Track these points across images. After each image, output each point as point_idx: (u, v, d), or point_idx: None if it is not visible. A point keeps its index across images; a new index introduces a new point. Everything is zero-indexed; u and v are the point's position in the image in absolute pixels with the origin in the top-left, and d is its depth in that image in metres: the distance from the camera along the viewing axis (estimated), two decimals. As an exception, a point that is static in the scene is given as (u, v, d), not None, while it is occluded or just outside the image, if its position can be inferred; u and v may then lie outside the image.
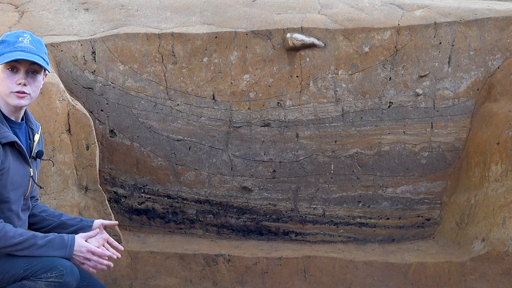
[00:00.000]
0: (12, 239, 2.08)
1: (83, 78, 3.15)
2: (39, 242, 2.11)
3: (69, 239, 2.15)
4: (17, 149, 2.18)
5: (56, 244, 2.13)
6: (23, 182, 2.22)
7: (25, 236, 2.09)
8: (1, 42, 2.16)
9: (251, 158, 3.22)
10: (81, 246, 2.16)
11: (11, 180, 2.15)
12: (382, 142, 3.17)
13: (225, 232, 3.32)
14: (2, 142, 2.10)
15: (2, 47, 2.15)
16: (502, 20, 3.08)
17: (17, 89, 2.15)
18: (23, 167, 2.21)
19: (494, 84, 3.07)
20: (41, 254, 2.11)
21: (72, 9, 3.45)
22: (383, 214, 3.25)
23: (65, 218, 2.41)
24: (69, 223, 2.38)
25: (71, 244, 2.15)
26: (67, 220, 2.39)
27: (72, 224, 2.37)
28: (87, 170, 2.94)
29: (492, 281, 2.89)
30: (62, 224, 2.38)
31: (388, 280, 3.03)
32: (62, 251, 2.14)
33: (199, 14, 3.30)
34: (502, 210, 2.85)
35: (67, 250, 2.14)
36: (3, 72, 2.15)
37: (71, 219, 2.39)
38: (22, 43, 2.16)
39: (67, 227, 2.37)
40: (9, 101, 2.16)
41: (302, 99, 3.16)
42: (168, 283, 3.10)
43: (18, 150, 2.19)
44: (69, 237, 2.16)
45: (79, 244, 2.16)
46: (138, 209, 3.30)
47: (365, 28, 3.10)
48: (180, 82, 3.17)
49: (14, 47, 2.14)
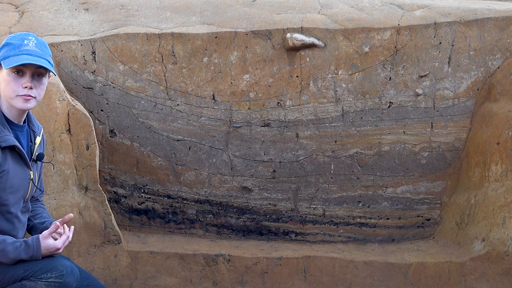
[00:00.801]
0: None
1: (83, 78, 3.15)
2: (9, 249, 2.12)
3: (34, 244, 2.16)
4: (17, 152, 2.18)
5: (22, 251, 2.14)
6: (22, 185, 2.22)
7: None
8: (6, 44, 2.15)
9: (251, 158, 3.22)
10: (49, 247, 2.17)
11: (10, 183, 2.15)
12: (382, 142, 3.18)
13: (225, 232, 3.32)
14: (1, 145, 2.10)
15: (7, 49, 2.14)
16: (502, 20, 3.08)
17: (23, 93, 2.15)
18: (23, 170, 2.21)
19: (494, 84, 3.08)
20: (10, 261, 2.13)
21: (72, 9, 3.45)
22: (383, 214, 3.25)
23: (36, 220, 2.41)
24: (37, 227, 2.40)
25: (38, 248, 2.16)
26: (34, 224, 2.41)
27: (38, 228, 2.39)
28: (87, 170, 2.94)
29: (492, 281, 2.89)
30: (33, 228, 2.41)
31: (388, 280, 3.03)
32: (29, 254, 2.15)
33: (199, 14, 3.30)
34: (502, 210, 2.85)
35: (35, 253, 2.15)
36: (9, 75, 2.14)
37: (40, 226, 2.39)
38: (27, 46, 2.15)
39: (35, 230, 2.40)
40: (15, 104, 2.16)
41: (302, 99, 3.16)
42: (168, 283, 3.10)
43: (19, 153, 2.19)
44: (34, 241, 2.16)
45: (46, 246, 2.17)
46: (138, 209, 3.30)
47: (365, 28, 3.10)
48: (180, 82, 3.17)
49: (20, 50, 2.14)
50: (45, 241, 2.17)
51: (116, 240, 3.04)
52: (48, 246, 2.17)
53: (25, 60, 2.11)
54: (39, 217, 2.43)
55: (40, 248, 2.16)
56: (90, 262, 3.01)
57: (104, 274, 3.05)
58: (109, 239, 3.03)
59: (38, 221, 2.41)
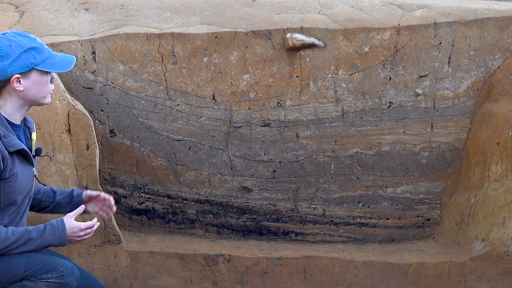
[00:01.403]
0: (6, 240, 2.09)
1: (83, 78, 3.15)
2: (34, 235, 2.12)
3: (59, 225, 2.16)
4: (22, 153, 2.20)
5: (48, 233, 2.14)
6: (28, 183, 2.25)
7: (18, 234, 2.11)
8: (31, 49, 2.17)
9: (251, 158, 3.22)
10: (73, 227, 2.18)
11: (19, 185, 2.18)
12: (382, 142, 3.18)
13: (225, 232, 3.32)
14: (10, 151, 2.12)
15: (36, 53, 2.18)
16: (502, 20, 3.08)
17: (52, 87, 2.27)
18: (28, 169, 2.24)
19: (494, 84, 3.08)
20: (38, 247, 2.13)
21: (72, 9, 3.45)
22: (383, 214, 3.25)
23: (59, 198, 2.45)
24: (63, 203, 2.44)
25: (63, 229, 2.16)
26: (61, 200, 2.44)
27: (67, 203, 2.44)
28: (87, 170, 2.94)
29: (492, 281, 2.89)
30: (58, 206, 2.44)
31: (388, 280, 3.03)
32: (56, 237, 2.15)
33: (199, 14, 3.30)
34: (502, 210, 2.85)
35: (61, 235, 2.15)
36: (44, 77, 2.21)
37: (64, 197, 2.45)
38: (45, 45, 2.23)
39: (64, 206, 2.44)
40: (46, 101, 2.25)
41: (302, 99, 3.16)
42: (168, 283, 3.10)
43: (23, 154, 2.20)
44: (59, 222, 2.17)
45: (70, 226, 2.17)
46: (138, 209, 3.30)
47: (365, 28, 3.10)
48: (180, 82, 3.17)
49: (48, 51, 2.23)
50: (70, 220, 2.18)
51: (116, 240, 3.04)
52: (71, 226, 2.17)
53: (73, 59, 2.27)
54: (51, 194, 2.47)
55: (65, 228, 2.16)
56: (90, 262, 3.01)
57: (104, 274, 3.05)
58: (109, 239, 3.03)
59: (59, 198, 2.45)
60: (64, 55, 2.27)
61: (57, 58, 2.23)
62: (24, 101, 2.21)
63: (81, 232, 2.19)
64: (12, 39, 2.15)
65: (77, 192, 2.48)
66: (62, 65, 2.23)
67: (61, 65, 2.22)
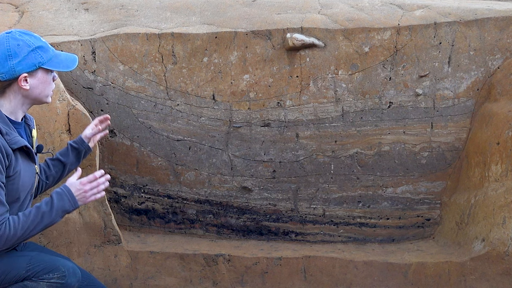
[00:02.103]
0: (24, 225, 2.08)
1: (83, 78, 3.15)
2: (44, 209, 2.11)
3: (63, 189, 2.17)
4: (25, 150, 2.20)
5: (57, 200, 2.14)
6: (31, 180, 2.26)
7: (32, 215, 2.10)
8: (38, 48, 2.19)
9: (251, 158, 3.22)
10: (75, 185, 2.18)
11: (22, 182, 2.19)
12: (382, 142, 3.18)
13: (225, 232, 3.32)
14: (13, 148, 2.12)
15: (43, 52, 2.20)
16: (502, 20, 3.08)
17: (54, 86, 2.30)
18: (31, 166, 2.24)
19: (494, 84, 3.08)
20: (54, 217, 2.12)
21: (72, 9, 3.45)
22: (383, 214, 3.25)
23: (64, 159, 2.54)
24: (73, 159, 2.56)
25: (68, 190, 2.17)
26: (69, 160, 2.54)
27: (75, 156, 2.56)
28: (87, 170, 2.94)
29: (492, 281, 2.89)
30: (71, 164, 2.56)
31: (388, 280, 3.03)
32: (66, 201, 2.15)
33: (199, 14, 3.29)
34: (502, 210, 2.85)
35: (69, 197, 2.16)
36: (48, 75, 2.24)
37: (69, 155, 2.55)
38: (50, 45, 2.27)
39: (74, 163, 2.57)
40: (48, 100, 2.28)
41: (302, 99, 3.16)
42: (168, 283, 3.10)
43: (26, 151, 2.21)
44: (62, 187, 2.18)
45: (73, 185, 2.18)
46: (138, 209, 3.30)
47: (365, 28, 3.10)
48: (180, 82, 3.17)
49: (53, 49, 2.26)
50: (70, 180, 2.19)
51: (116, 240, 3.04)
52: (73, 184, 2.18)
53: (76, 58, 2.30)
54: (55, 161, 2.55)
55: (70, 189, 2.17)
56: (90, 262, 3.01)
57: (104, 274, 3.05)
58: (109, 239, 3.03)
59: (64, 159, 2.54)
60: (67, 54, 2.30)
61: (61, 57, 2.26)
62: (27, 100, 2.22)
63: (85, 187, 2.18)
64: (19, 38, 2.16)
65: (76, 142, 2.57)
66: (67, 63, 2.26)
67: (66, 63, 2.25)
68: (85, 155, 2.60)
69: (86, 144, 2.58)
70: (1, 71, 2.12)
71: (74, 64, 2.28)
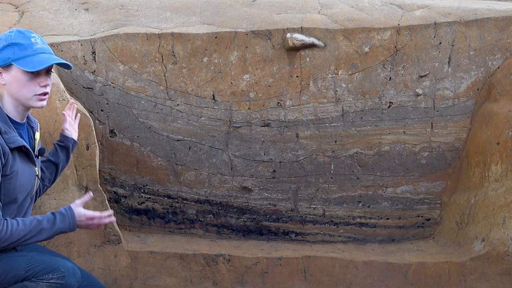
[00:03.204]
0: (19, 231, 2.08)
1: (83, 78, 3.15)
2: (45, 225, 2.12)
3: (68, 212, 2.18)
4: (23, 151, 2.19)
5: (59, 221, 2.15)
6: (30, 182, 2.24)
7: (31, 226, 2.10)
8: (15, 44, 2.13)
9: (251, 158, 3.22)
10: (80, 215, 2.19)
11: (19, 183, 2.17)
12: (382, 142, 3.18)
13: (225, 232, 3.32)
14: (11, 147, 2.11)
15: (17, 49, 2.13)
16: (502, 20, 3.08)
17: (41, 91, 2.17)
18: (30, 168, 2.23)
19: (494, 84, 3.08)
20: (49, 236, 2.14)
21: (72, 9, 3.45)
22: (383, 214, 3.25)
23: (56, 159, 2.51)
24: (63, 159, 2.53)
25: (72, 214, 2.18)
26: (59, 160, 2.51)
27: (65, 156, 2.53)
28: (87, 170, 2.94)
29: (492, 281, 2.89)
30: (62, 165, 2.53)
31: (388, 280, 3.03)
32: (67, 224, 2.16)
33: (199, 14, 3.29)
34: (502, 210, 2.85)
35: (71, 222, 2.17)
36: (24, 76, 2.14)
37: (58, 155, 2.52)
38: (37, 45, 2.16)
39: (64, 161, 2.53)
40: (32, 104, 2.18)
41: (302, 99, 3.16)
42: (168, 283, 3.10)
43: (25, 152, 2.20)
44: (67, 210, 2.18)
45: (79, 214, 2.19)
46: (138, 209, 3.30)
47: (365, 28, 3.10)
48: (180, 82, 3.17)
49: (34, 49, 2.14)
50: (78, 209, 2.20)
51: (116, 240, 3.04)
52: (79, 213, 2.19)
53: (53, 61, 2.14)
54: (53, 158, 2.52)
55: (74, 215, 2.18)
56: (90, 262, 3.01)
57: (104, 274, 3.05)
58: (109, 239, 3.03)
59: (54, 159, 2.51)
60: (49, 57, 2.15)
61: (39, 58, 2.14)
62: (14, 99, 2.18)
63: (89, 221, 2.20)
64: (7, 34, 2.15)
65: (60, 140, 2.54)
66: (34, 64, 2.12)
67: (33, 64, 2.12)
68: (73, 148, 2.57)
69: (70, 137, 2.54)
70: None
71: (41, 66, 2.13)
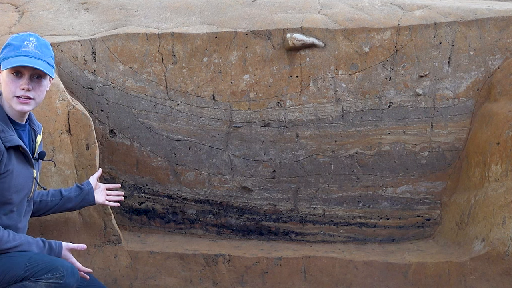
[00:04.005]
0: (7, 243, 2.15)
1: (83, 78, 3.15)
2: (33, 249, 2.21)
3: (57, 248, 2.28)
4: (21, 152, 2.19)
5: (46, 251, 2.25)
6: (26, 184, 2.24)
7: (19, 241, 2.18)
8: (7, 45, 2.17)
9: (251, 158, 3.22)
10: (67, 257, 2.30)
11: (14, 183, 2.17)
12: (382, 142, 3.18)
13: (225, 232, 3.32)
14: (6, 145, 2.12)
15: (7, 50, 2.16)
16: (502, 20, 3.08)
17: (20, 94, 2.17)
18: (27, 169, 2.23)
19: (494, 84, 3.08)
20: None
21: (72, 9, 3.45)
22: (383, 214, 3.25)
23: (66, 193, 2.52)
24: (72, 196, 2.52)
25: (59, 252, 2.28)
26: (69, 194, 2.51)
27: (75, 196, 2.52)
28: (87, 170, 2.94)
29: (492, 281, 2.89)
30: (67, 200, 2.52)
31: (388, 280, 3.03)
32: (52, 255, 2.26)
33: (199, 14, 3.29)
34: (502, 210, 2.85)
35: (56, 256, 2.27)
36: (8, 76, 2.16)
37: (71, 191, 2.53)
38: (27, 48, 2.15)
39: (72, 200, 2.52)
40: (13, 106, 2.18)
41: (302, 99, 3.16)
42: (168, 283, 3.10)
43: (23, 152, 2.20)
44: (57, 246, 2.28)
45: (65, 255, 2.30)
46: (138, 209, 3.30)
47: (365, 28, 3.10)
48: (180, 82, 3.17)
49: (19, 51, 2.14)
50: (66, 253, 2.30)
51: (116, 240, 3.04)
52: (66, 256, 2.29)
53: (21, 62, 2.12)
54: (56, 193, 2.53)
55: (62, 253, 2.28)
56: (90, 262, 3.01)
57: (104, 274, 3.05)
58: (109, 239, 3.03)
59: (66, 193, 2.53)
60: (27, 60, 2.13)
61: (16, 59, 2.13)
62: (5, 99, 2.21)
63: (73, 263, 2.30)
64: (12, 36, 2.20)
65: (83, 184, 2.57)
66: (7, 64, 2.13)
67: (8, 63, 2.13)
68: (86, 200, 2.56)
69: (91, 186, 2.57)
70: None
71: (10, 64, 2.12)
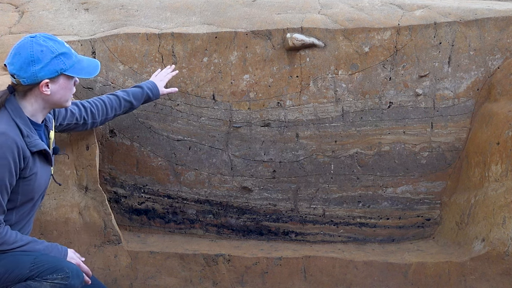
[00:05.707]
0: (13, 243, 2.19)
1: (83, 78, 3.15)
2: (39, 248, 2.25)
3: (63, 251, 2.32)
4: (43, 153, 2.26)
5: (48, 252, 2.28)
6: (46, 182, 2.36)
7: (25, 241, 2.22)
8: (61, 54, 2.23)
9: (251, 158, 3.22)
10: (73, 257, 2.35)
11: (38, 183, 2.28)
12: (382, 142, 3.18)
13: (225, 232, 3.32)
14: (32, 150, 2.19)
15: (65, 59, 2.24)
16: (502, 20, 3.08)
17: (74, 91, 2.35)
18: (47, 168, 2.34)
19: (494, 84, 3.08)
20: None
21: (72, 9, 3.45)
22: (383, 214, 3.25)
23: (135, 102, 2.85)
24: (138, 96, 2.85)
25: (64, 255, 2.32)
26: (136, 103, 2.86)
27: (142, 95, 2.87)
28: (87, 170, 2.94)
29: (492, 281, 2.89)
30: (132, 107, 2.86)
31: (388, 280, 3.03)
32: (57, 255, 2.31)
33: (199, 14, 3.30)
34: (502, 210, 2.85)
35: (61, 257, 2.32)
36: (70, 81, 2.28)
37: (139, 99, 2.87)
38: (72, 49, 2.30)
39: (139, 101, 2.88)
40: (67, 105, 2.34)
41: (302, 99, 3.16)
42: (168, 283, 3.10)
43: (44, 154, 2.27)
44: (63, 250, 2.33)
45: (71, 257, 2.34)
46: (138, 209, 3.30)
47: (365, 28, 3.10)
48: (180, 82, 3.17)
49: (76, 56, 2.29)
50: (73, 254, 2.36)
51: (116, 240, 3.04)
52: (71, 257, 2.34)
53: (97, 64, 2.36)
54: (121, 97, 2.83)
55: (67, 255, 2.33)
56: (90, 262, 3.01)
57: (104, 274, 3.05)
58: (109, 239, 3.03)
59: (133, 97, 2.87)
60: (89, 59, 2.33)
61: (84, 63, 2.30)
62: (48, 104, 2.27)
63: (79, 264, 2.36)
64: (43, 44, 2.20)
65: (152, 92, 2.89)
66: (89, 70, 2.29)
67: (88, 70, 2.29)
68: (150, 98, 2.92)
69: (159, 95, 2.92)
70: (23, 75, 2.17)
71: (96, 71, 2.33)
